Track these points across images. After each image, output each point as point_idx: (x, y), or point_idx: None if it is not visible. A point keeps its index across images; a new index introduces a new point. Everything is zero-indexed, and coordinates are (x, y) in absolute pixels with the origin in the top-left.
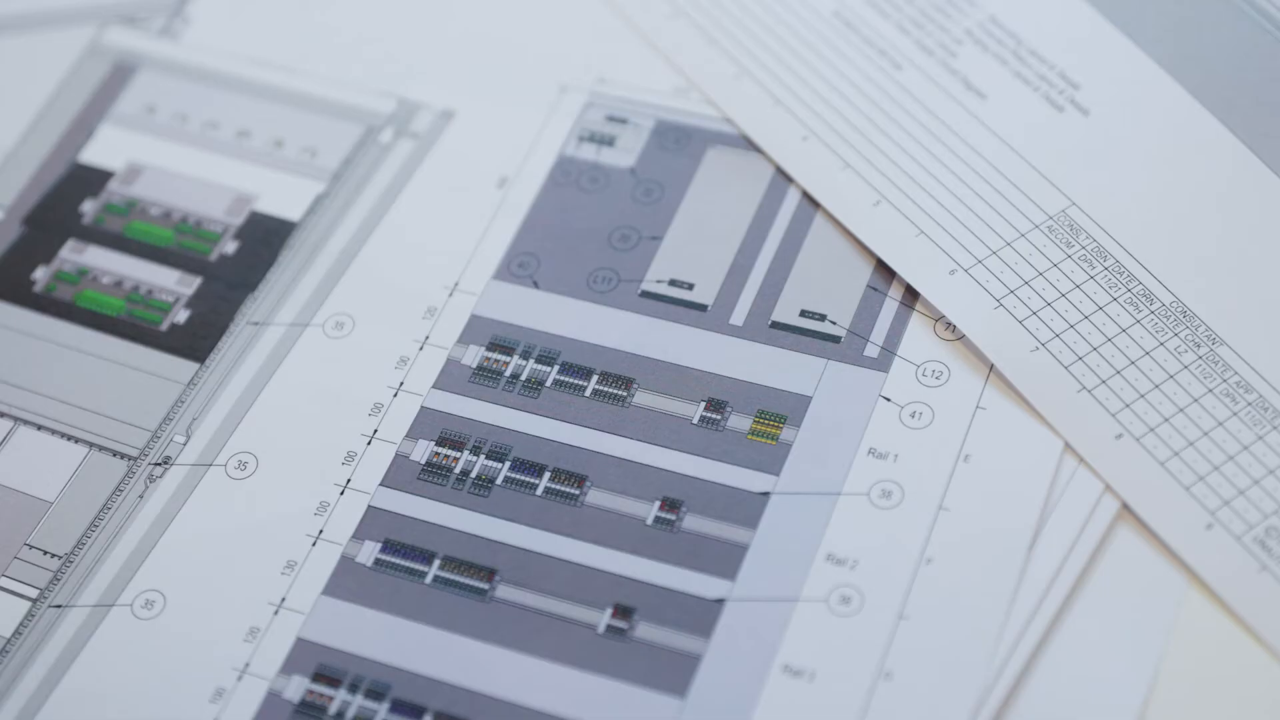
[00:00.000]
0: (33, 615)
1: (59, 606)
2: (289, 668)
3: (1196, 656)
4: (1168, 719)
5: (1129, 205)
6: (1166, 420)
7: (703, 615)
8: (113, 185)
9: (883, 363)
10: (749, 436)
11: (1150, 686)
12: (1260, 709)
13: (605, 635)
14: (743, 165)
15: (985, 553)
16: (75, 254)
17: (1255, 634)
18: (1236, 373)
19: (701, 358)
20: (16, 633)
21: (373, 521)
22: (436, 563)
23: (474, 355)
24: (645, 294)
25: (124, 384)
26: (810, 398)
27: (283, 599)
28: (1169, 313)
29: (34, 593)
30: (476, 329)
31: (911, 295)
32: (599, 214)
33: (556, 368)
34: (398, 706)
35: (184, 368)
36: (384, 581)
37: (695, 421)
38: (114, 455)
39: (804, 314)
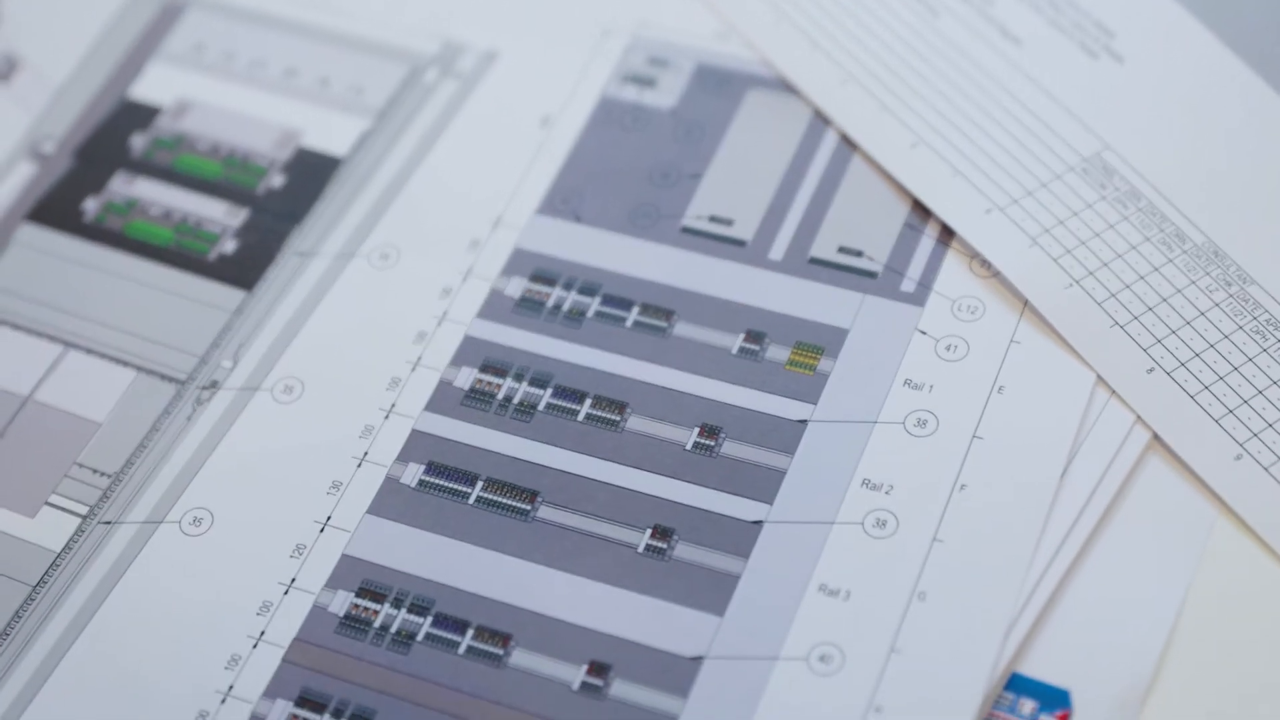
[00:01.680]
0: (82, 531)
1: (108, 523)
2: (334, 583)
3: (1225, 582)
4: (1196, 642)
5: (1161, 149)
6: (1197, 355)
7: (740, 537)
8: (162, 120)
9: (919, 298)
10: (787, 367)
11: (1179, 610)
12: None
13: (645, 555)
14: (781, 107)
15: (1018, 480)
16: (125, 186)
17: None
18: (1267, 310)
19: (741, 291)
20: (67, 548)
21: (417, 445)
22: (479, 484)
23: (517, 286)
24: (686, 230)
25: (172, 311)
26: (847, 330)
27: (328, 517)
28: (1200, 253)
29: (84, 510)
30: (520, 261)
31: (948, 234)
32: (640, 153)
33: (598, 299)
34: (440, 621)
35: (232, 296)
36: (428, 502)
37: (734, 352)
38: (162, 379)
39: (842, 250)
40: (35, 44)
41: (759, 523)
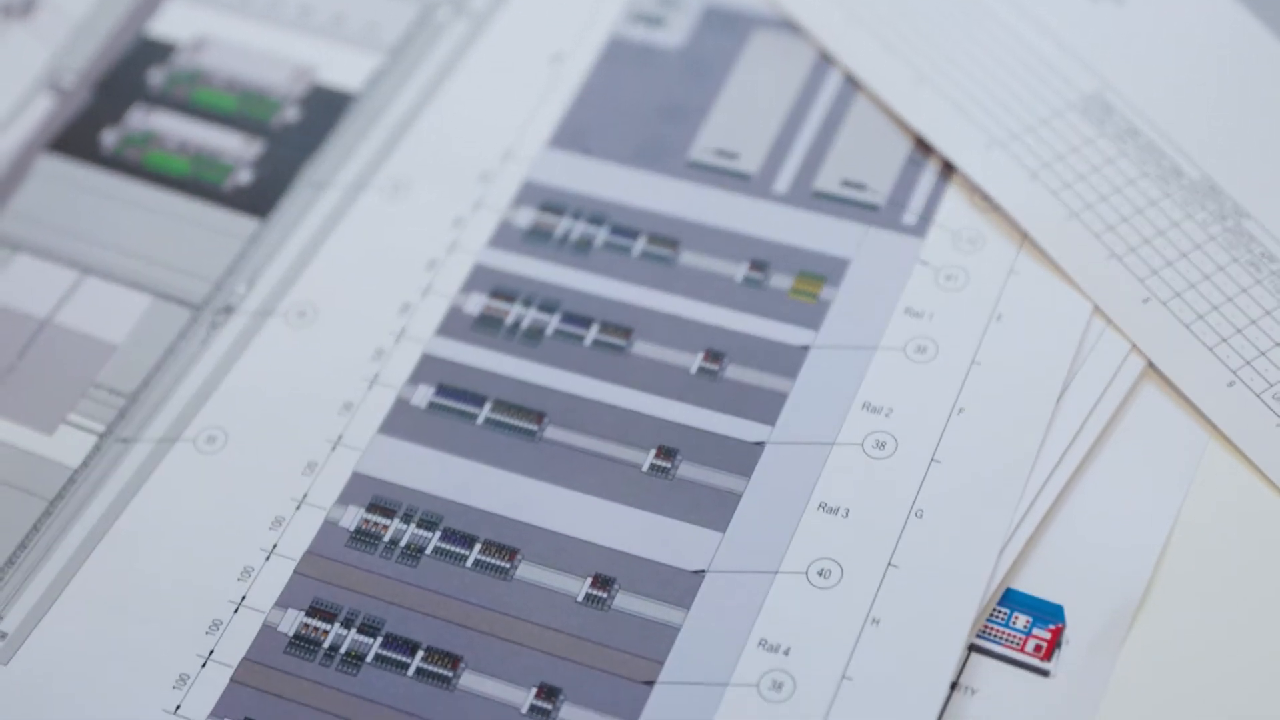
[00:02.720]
0: (99, 448)
1: (125, 440)
2: (345, 499)
3: (1215, 504)
4: (1187, 561)
5: (1159, 88)
6: (1193, 286)
7: (743, 457)
8: (179, 56)
9: (920, 230)
10: (790, 295)
11: (1170, 530)
12: (1275, 552)
13: (649, 473)
14: (787, 47)
15: (1015, 403)
16: (143, 118)
17: (1273, 484)
18: (1260, 244)
19: (746, 222)
20: (84, 464)
21: (427, 368)
22: (488, 406)
23: (527, 217)
24: (692, 163)
25: (188, 239)
26: (849, 260)
27: (340, 437)
28: (1196, 188)
29: (101, 428)
30: (529, 193)
31: (949, 169)
32: (648, 90)
33: (606, 229)
34: (449, 535)
35: (246, 224)
36: (437, 422)
37: (739, 281)
38: (178, 304)
39: (845, 184)
40: None
41: (761, 444)
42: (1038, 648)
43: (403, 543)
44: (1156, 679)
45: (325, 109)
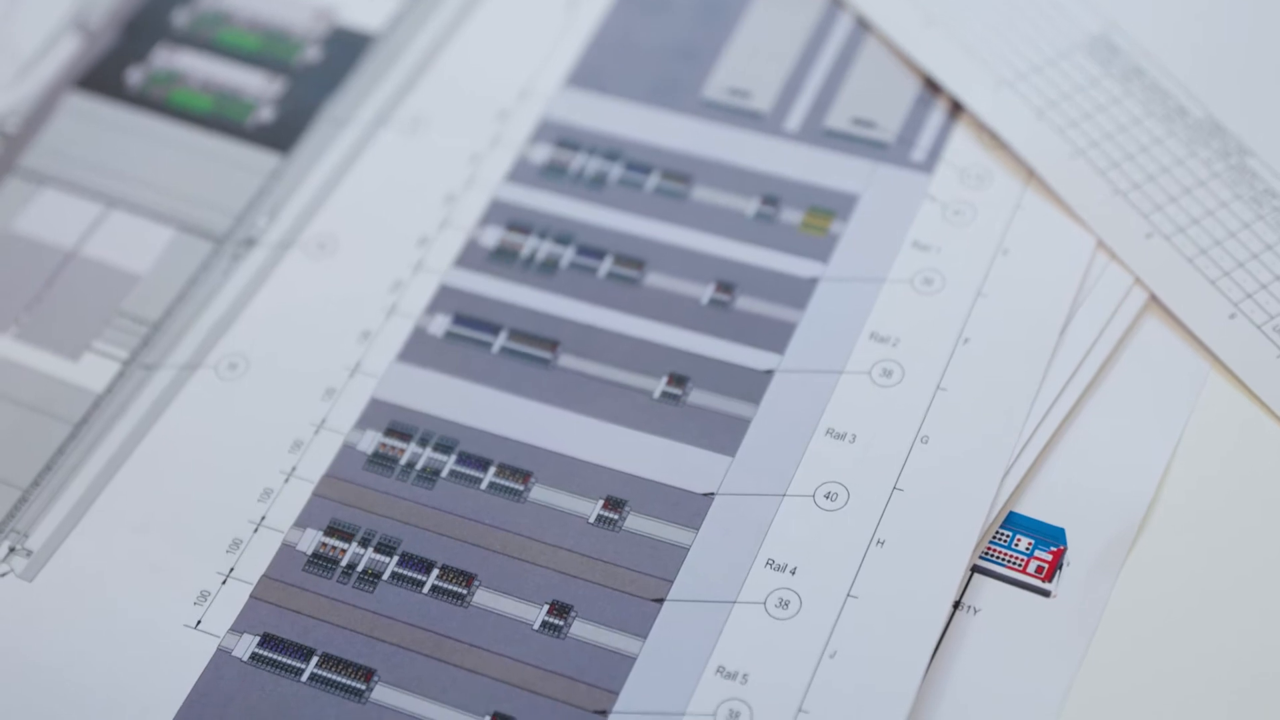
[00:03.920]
0: (123, 374)
1: (148, 367)
2: (363, 423)
3: (1215, 432)
4: (1186, 488)
5: (1164, 29)
6: (1196, 222)
7: (752, 384)
8: None
9: (928, 166)
10: (800, 229)
11: (1170, 458)
12: (1273, 479)
13: (660, 400)
14: None
15: (1019, 334)
16: (167, 58)
17: (1273, 412)
18: (1263, 180)
19: (757, 159)
20: (109, 390)
21: (444, 298)
22: (503, 334)
23: (543, 153)
24: (706, 101)
25: (211, 173)
26: (859, 196)
27: (358, 364)
28: (1201, 127)
29: (125, 355)
30: (545, 130)
31: (957, 108)
32: (663, 31)
33: (620, 164)
34: (464, 459)
35: (268, 160)
36: (454, 350)
37: (750, 215)
38: (201, 236)
39: (855, 121)
40: None
41: (770, 371)
42: (1039, 569)
43: (419, 466)
44: (1154, 600)
45: (345, 49)
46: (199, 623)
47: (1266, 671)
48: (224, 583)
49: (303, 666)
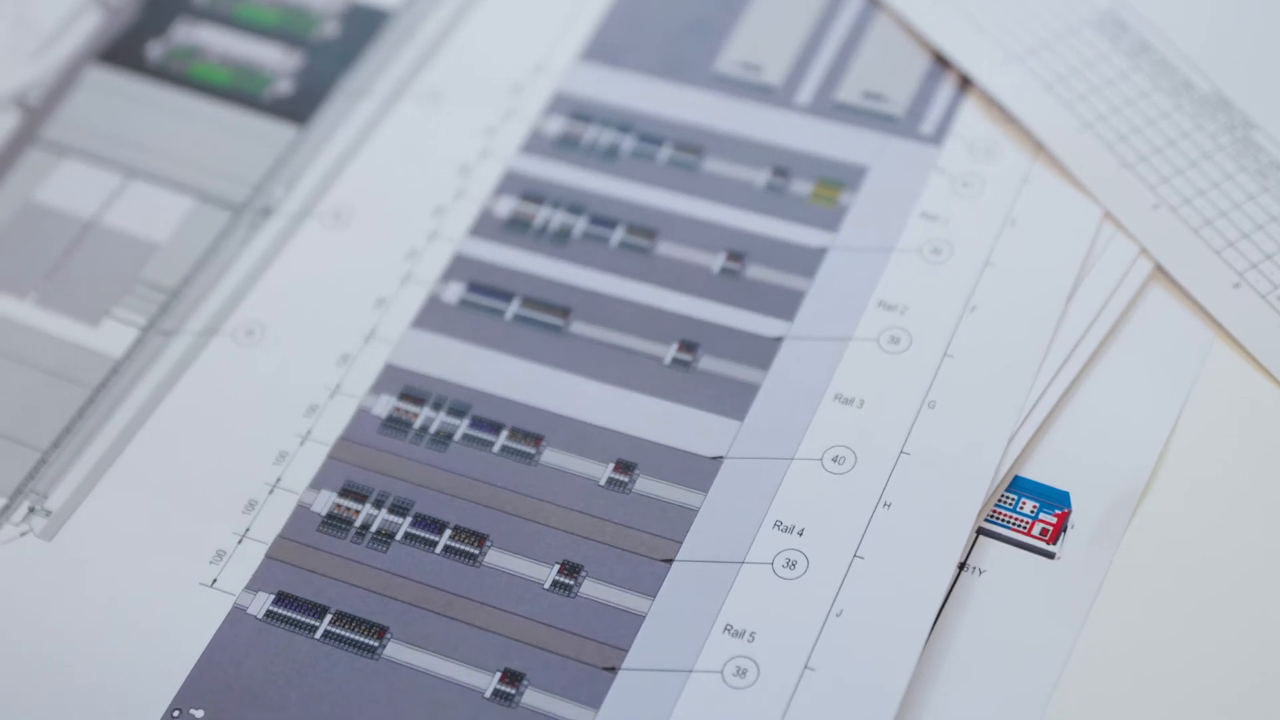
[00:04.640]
0: (142, 341)
1: (166, 333)
2: (378, 388)
3: (1219, 399)
4: (1189, 453)
5: (1173, 6)
6: (1201, 193)
7: (761, 351)
8: None
9: (937, 139)
10: (810, 200)
11: (1174, 424)
12: (1277, 447)
13: (671, 366)
14: None
15: (1026, 302)
16: (187, 32)
17: (1276, 380)
18: (1268, 153)
19: (768, 131)
20: (127, 355)
21: (459, 266)
22: (516, 302)
23: (557, 125)
24: (718, 75)
25: (229, 145)
26: (868, 167)
27: (373, 330)
28: (1207, 101)
29: (143, 321)
30: (560, 103)
31: (966, 82)
32: (675, 7)
33: (633, 137)
34: (477, 423)
35: (285, 131)
36: (467, 317)
37: (761, 186)
38: (219, 205)
39: (865, 95)
40: None
41: (779, 339)
42: (1044, 531)
43: (432, 429)
44: (1157, 563)
45: (363, 24)
46: (215, 581)
47: (1265, 637)
48: (240, 542)
49: (316, 624)
